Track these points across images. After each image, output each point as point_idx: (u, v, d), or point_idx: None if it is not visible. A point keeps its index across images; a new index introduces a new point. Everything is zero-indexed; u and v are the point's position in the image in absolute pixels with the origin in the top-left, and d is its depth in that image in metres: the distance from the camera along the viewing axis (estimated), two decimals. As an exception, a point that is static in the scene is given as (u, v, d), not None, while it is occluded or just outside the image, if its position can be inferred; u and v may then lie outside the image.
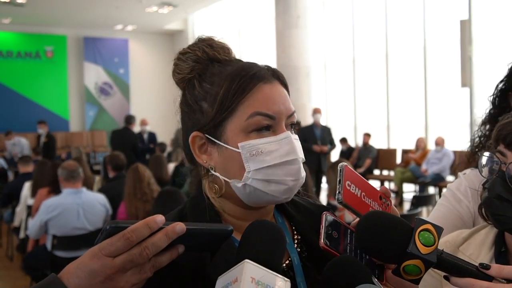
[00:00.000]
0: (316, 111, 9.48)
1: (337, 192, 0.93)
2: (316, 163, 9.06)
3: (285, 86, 1.02)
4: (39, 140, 12.27)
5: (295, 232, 1.06)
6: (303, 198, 1.13)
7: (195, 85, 1.00)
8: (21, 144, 12.67)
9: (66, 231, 4.34)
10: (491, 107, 1.60)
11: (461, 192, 1.55)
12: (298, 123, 1.04)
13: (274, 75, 1.00)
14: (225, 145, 0.96)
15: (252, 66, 1.00)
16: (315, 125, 9.37)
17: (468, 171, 1.59)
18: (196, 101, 0.99)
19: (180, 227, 0.77)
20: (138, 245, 0.75)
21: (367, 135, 11.19)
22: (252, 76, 0.96)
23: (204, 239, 0.83)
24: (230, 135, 0.96)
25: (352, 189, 0.94)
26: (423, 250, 0.82)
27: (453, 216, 1.53)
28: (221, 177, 0.98)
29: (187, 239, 0.78)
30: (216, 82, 0.98)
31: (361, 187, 0.96)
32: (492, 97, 1.60)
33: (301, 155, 0.97)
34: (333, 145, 9.67)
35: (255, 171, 0.94)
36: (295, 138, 0.98)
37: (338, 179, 0.93)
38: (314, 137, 9.20)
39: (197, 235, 0.81)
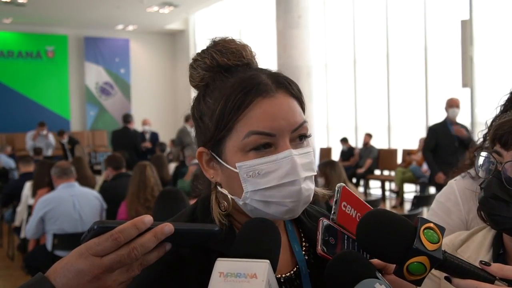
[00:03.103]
0: (452, 104, 6.64)
1: (332, 212, 0.98)
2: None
3: (293, 95, 0.95)
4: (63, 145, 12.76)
5: (303, 239, 1.04)
6: (313, 206, 1.10)
7: (200, 99, 0.98)
8: (50, 139, 13.04)
9: (63, 224, 4.40)
10: (502, 109, 1.46)
11: (452, 202, 1.50)
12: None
13: (279, 86, 0.93)
14: (225, 164, 0.94)
15: (252, 78, 0.93)
16: (449, 123, 6.64)
17: (458, 177, 1.54)
18: (200, 116, 0.97)
19: (168, 228, 0.77)
20: (126, 246, 0.74)
21: (368, 135, 11.19)
22: (248, 92, 0.91)
23: (192, 238, 0.84)
24: (229, 154, 0.93)
25: (348, 210, 0.99)
26: (429, 246, 0.80)
27: None
28: (228, 194, 0.95)
29: (175, 238, 0.79)
30: (216, 97, 0.94)
31: (357, 207, 1.00)
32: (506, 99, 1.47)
33: (303, 174, 0.91)
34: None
35: (253, 192, 0.91)
36: (302, 153, 0.93)
37: (335, 200, 0.98)
38: (451, 139, 6.55)
39: (185, 235, 0.82)
